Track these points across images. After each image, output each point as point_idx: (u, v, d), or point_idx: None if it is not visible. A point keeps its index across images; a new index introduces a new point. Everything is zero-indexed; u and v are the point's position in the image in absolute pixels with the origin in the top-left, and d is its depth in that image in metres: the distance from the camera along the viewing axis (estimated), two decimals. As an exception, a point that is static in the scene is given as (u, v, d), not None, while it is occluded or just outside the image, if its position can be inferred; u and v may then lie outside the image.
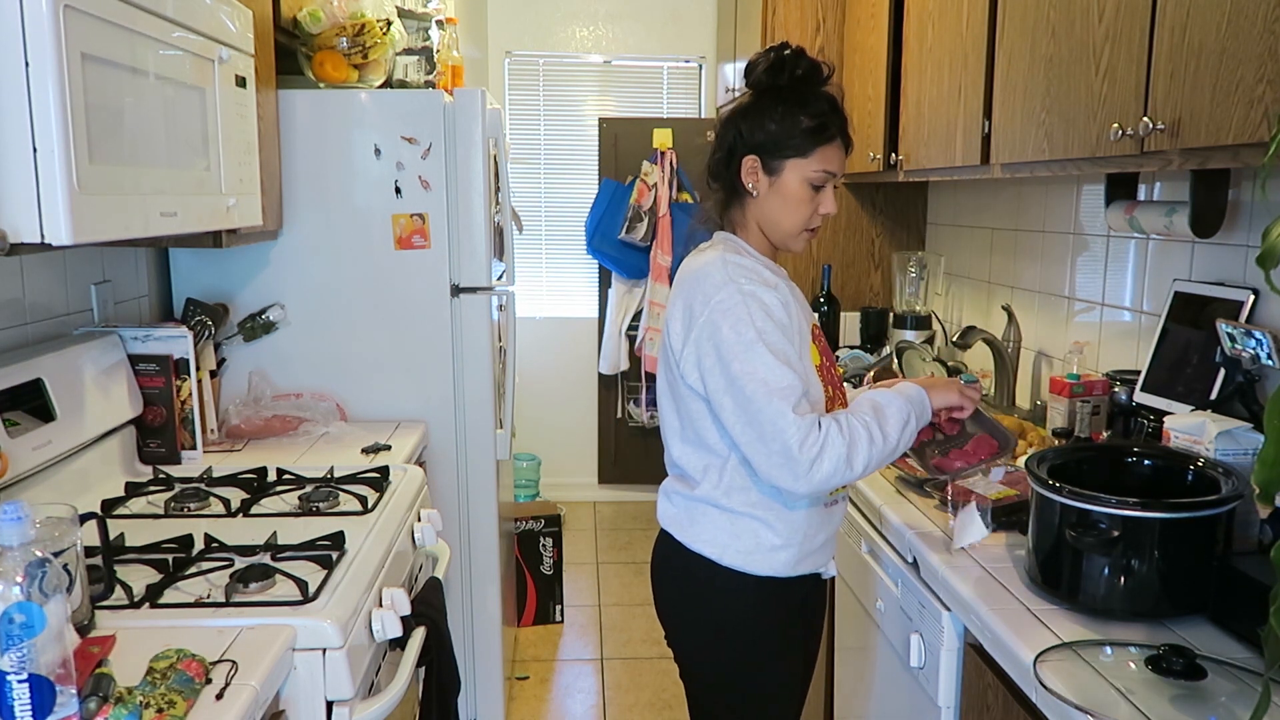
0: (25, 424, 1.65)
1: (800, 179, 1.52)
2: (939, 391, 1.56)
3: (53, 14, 1.16)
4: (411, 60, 2.63)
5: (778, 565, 1.56)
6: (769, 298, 1.46)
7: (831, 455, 1.40)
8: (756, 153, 1.53)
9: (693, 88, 4.78)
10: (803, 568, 1.59)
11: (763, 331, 1.43)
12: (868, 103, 2.97)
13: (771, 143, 1.51)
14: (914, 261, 3.14)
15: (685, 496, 1.59)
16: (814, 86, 1.53)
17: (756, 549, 1.54)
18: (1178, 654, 1.19)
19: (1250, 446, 1.49)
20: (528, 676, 3.21)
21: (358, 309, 2.50)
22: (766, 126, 1.51)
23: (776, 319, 1.46)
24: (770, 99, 1.52)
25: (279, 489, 1.92)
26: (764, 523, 1.54)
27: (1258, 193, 1.71)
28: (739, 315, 1.44)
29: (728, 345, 1.44)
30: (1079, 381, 2.06)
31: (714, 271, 1.48)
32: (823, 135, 1.51)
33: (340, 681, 1.35)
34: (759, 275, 1.49)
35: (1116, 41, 1.59)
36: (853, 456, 1.42)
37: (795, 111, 1.50)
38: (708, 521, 1.56)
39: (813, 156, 1.51)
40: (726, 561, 1.55)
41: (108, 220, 1.31)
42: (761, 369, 1.42)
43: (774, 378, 1.41)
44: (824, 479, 1.41)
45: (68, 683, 1.00)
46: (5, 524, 0.99)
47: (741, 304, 1.44)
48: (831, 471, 1.41)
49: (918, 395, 1.53)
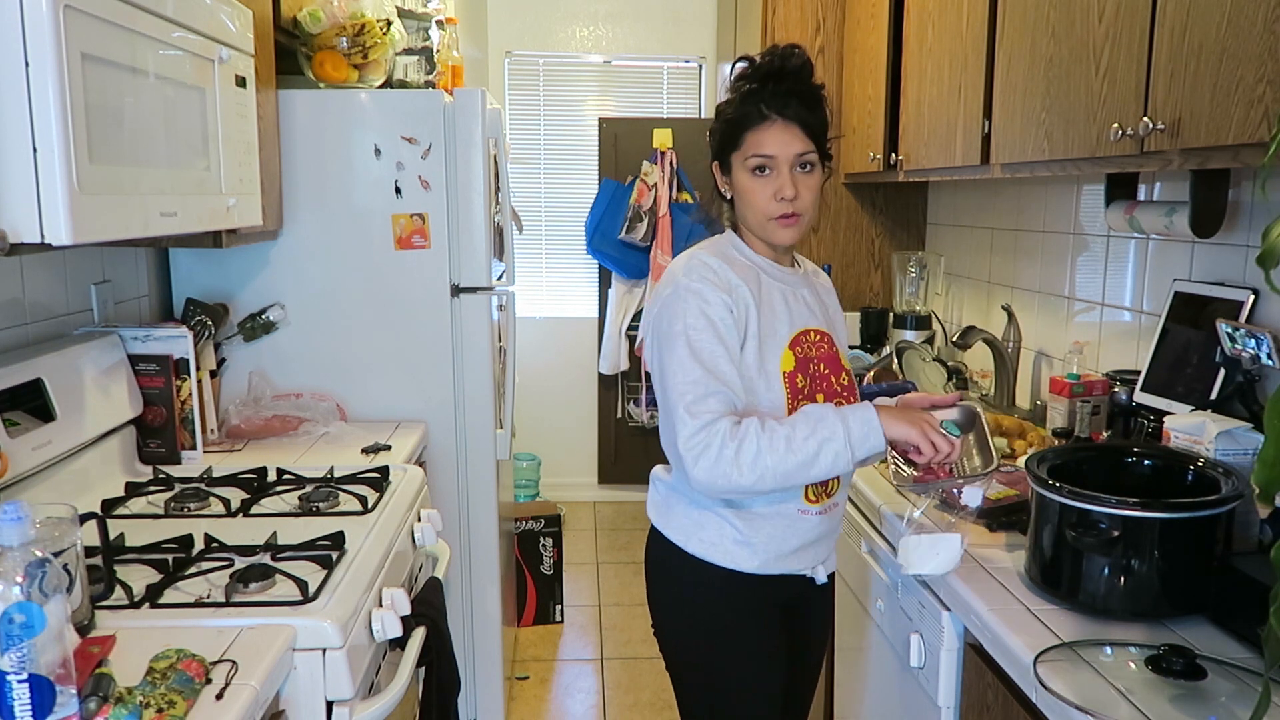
0: (25, 424, 1.65)
1: (742, 168, 1.55)
2: (897, 423, 1.42)
3: (53, 14, 1.16)
4: (411, 60, 2.63)
5: (741, 561, 1.56)
6: (712, 296, 1.48)
7: (716, 457, 1.40)
8: (715, 158, 1.61)
9: (693, 88, 4.78)
10: (775, 569, 1.58)
11: (690, 327, 1.47)
12: (868, 103, 2.97)
13: (717, 145, 1.59)
14: (914, 261, 3.14)
15: (665, 484, 1.65)
16: (756, 78, 1.54)
17: (720, 541, 1.56)
18: (1178, 654, 1.19)
19: (1250, 446, 1.49)
20: (528, 676, 3.21)
21: (357, 309, 2.50)
22: (713, 132, 1.60)
23: (711, 317, 1.48)
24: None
25: (279, 489, 1.92)
26: (725, 519, 1.56)
27: (1258, 193, 1.71)
28: (674, 310, 1.49)
29: (662, 337, 1.50)
30: (1079, 381, 2.06)
31: (676, 267, 1.55)
32: (746, 121, 1.53)
33: (340, 681, 1.35)
34: (716, 275, 1.51)
35: (1116, 41, 1.59)
36: (740, 461, 1.39)
37: (723, 108, 1.58)
38: (680, 510, 1.60)
39: (744, 144, 1.54)
40: (690, 549, 1.58)
41: (108, 220, 1.30)
42: (674, 363, 1.47)
43: (681, 372, 1.45)
44: (708, 478, 1.41)
45: (68, 683, 1.00)
46: (5, 524, 0.99)
47: (680, 299, 1.49)
48: (716, 473, 1.40)
49: (862, 418, 1.42)
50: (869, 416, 1.43)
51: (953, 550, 1.54)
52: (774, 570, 1.58)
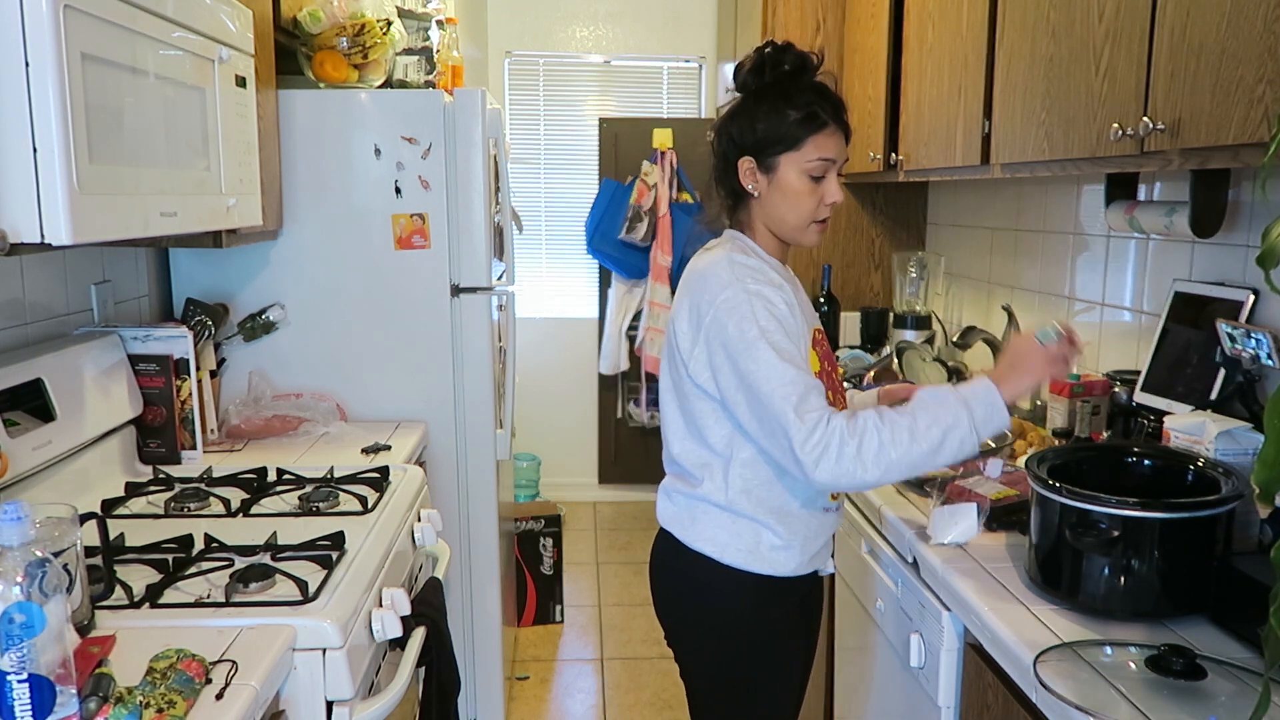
0: (25, 424, 1.65)
1: (797, 172, 1.51)
2: (1014, 381, 1.42)
3: (53, 14, 1.16)
4: (411, 60, 2.64)
5: (779, 565, 1.56)
6: (774, 296, 1.46)
7: (837, 455, 1.37)
8: (750, 154, 1.53)
9: (693, 88, 4.78)
10: (804, 568, 1.60)
11: (765, 330, 1.43)
12: (868, 103, 2.97)
13: (763, 141, 1.51)
14: (914, 261, 3.14)
15: (686, 495, 1.59)
16: (800, 79, 1.52)
17: (758, 548, 1.54)
18: (1178, 654, 1.19)
19: (1250, 446, 1.49)
20: (528, 676, 3.21)
21: (358, 309, 2.50)
22: (756, 127, 1.52)
23: (780, 317, 1.45)
24: (756, 99, 1.53)
25: (279, 489, 1.92)
26: (765, 525, 1.54)
27: (1258, 193, 1.71)
28: (743, 313, 1.44)
29: (733, 343, 1.44)
30: (1079, 381, 2.06)
31: (720, 271, 1.49)
32: (812, 124, 1.50)
33: (340, 681, 1.35)
34: (764, 275, 1.49)
35: (1116, 41, 1.59)
36: (863, 457, 1.37)
37: (781, 106, 1.50)
38: (709, 520, 1.56)
39: (805, 147, 1.50)
40: (728, 560, 1.55)
41: (108, 220, 1.30)
42: (764, 367, 1.41)
43: (775, 375, 1.40)
44: (831, 478, 1.38)
45: (68, 683, 1.01)
46: (5, 524, 0.99)
47: (746, 302, 1.44)
48: (840, 471, 1.37)
49: (985, 399, 1.40)
50: (992, 397, 1.41)
51: (969, 519, 1.63)
52: (805, 570, 1.60)
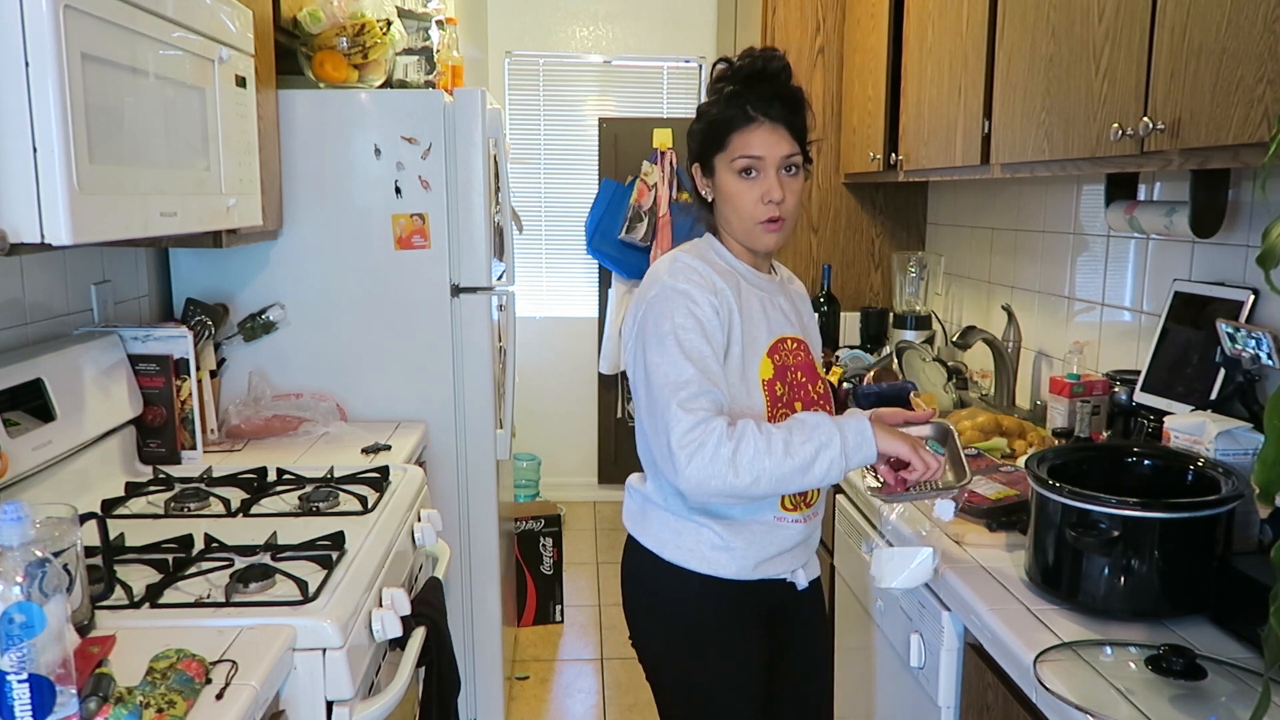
0: (25, 424, 1.65)
1: (728, 172, 1.53)
2: (889, 437, 1.43)
3: (53, 14, 1.16)
4: (411, 60, 2.64)
5: (720, 566, 1.55)
6: (700, 297, 1.47)
7: (712, 456, 1.36)
8: (697, 159, 1.58)
9: (693, 88, 4.78)
10: (754, 574, 1.57)
11: (678, 326, 1.45)
12: (868, 103, 2.97)
13: (699, 147, 1.56)
14: (914, 261, 3.14)
15: (639, 493, 1.62)
16: (751, 81, 1.52)
17: (697, 547, 1.55)
18: (1178, 654, 1.19)
19: (1250, 446, 1.49)
20: (528, 676, 3.21)
21: (358, 309, 2.50)
22: (693, 133, 1.58)
23: (700, 317, 1.46)
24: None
25: (279, 489, 1.92)
26: (703, 525, 1.54)
27: (1258, 193, 1.71)
28: (662, 310, 1.47)
29: (648, 336, 1.47)
30: (1079, 381, 2.06)
31: (660, 269, 1.53)
32: (735, 122, 1.51)
33: (340, 681, 1.35)
34: (701, 277, 1.50)
35: (1116, 41, 1.59)
36: (738, 462, 1.36)
37: (710, 109, 1.55)
38: (655, 518, 1.58)
39: (730, 146, 1.51)
40: (667, 556, 1.56)
41: (108, 220, 1.30)
42: (665, 362, 1.43)
43: (673, 371, 1.42)
44: (700, 479, 1.37)
45: (68, 683, 1.01)
46: (5, 524, 0.99)
47: (668, 299, 1.47)
48: (710, 473, 1.36)
49: (856, 428, 1.42)
50: (864, 427, 1.43)
51: (924, 565, 1.55)
52: (753, 576, 1.57)
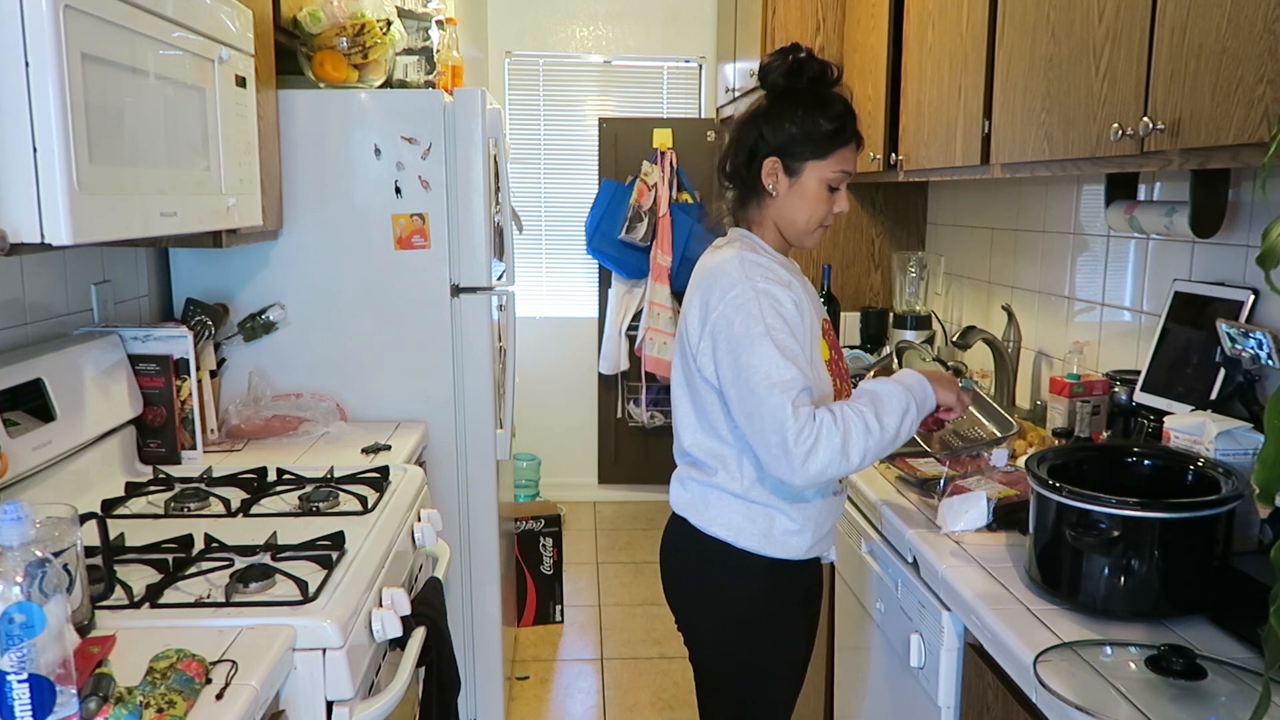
0: (25, 424, 1.65)
1: (818, 180, 1.58)
2: (941, 387, 1.58)
3: (53, 14, 1.16)
4: (411, 60, 2.63)
5: (791, 549, 1.61)
6: (782, 295, 1.51)
7: (826, 447, 1.43)
8: (777, 154, 1.58)
9: (693, 88, 4.78)
10: (813, 552, 1.65)
11: (771, 328, 1.48)
12: (868, 103, 2.97)
13: (792, 145, 1.57)
14: (914, 261, 3.14)
15: (700, 482, 1.64)
16: (827, 88, 1.58)
17: (771, 532, 1.59)
18: (1178, 654, 1.19)
19: (1250, 446, 1.49)
20: (528, 676, 3.21)
21: (358, 309, 2.50)
22: (787, 129, 1.57)
23: (786, 316, 1.50)
24: (788, 102, 1.58)
25: (279, 489, 1.92)
26: (779, 510, 1.59)
27: (1258, 193, 1.71)
28: (750, 311, 1.49)
29: (738, 339, 1.49)
30: (1079, 381, 2.06)
31: (730, 269, 1.54)
32: (840, 138, 1.57)
33: (340, 681, 1.35)
34: (774, 274, 1.54)
35: (1116, 41, 1.59)
36: (848, 447, 1.44)
37: (815, 115, 1.56)
38: (723, 505, 1.61)
39: (831, 158, 1.57)
40: (742, 544, 1.60)
41: (108, 220, 1.30)
42: (765, 363, 1.46)
43: (776, 372, 1.45)
44: (819, 471, 1.44)
45: (68, 683, 1.01)
46: (5, 524, 0.99)
47: (754, 300, 1.50)
48: (826, 463, 1.43)
49: (919, 384, 1.55)
50: (924, 384, 1.55)
51: (979, 507, 1.67)
52: (815, 554, 1.65)
